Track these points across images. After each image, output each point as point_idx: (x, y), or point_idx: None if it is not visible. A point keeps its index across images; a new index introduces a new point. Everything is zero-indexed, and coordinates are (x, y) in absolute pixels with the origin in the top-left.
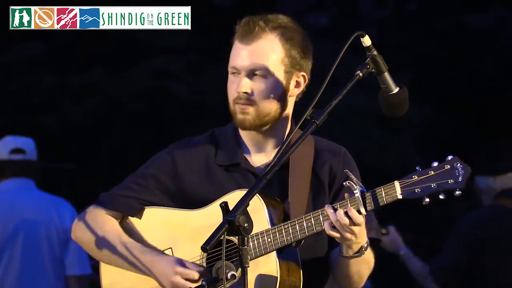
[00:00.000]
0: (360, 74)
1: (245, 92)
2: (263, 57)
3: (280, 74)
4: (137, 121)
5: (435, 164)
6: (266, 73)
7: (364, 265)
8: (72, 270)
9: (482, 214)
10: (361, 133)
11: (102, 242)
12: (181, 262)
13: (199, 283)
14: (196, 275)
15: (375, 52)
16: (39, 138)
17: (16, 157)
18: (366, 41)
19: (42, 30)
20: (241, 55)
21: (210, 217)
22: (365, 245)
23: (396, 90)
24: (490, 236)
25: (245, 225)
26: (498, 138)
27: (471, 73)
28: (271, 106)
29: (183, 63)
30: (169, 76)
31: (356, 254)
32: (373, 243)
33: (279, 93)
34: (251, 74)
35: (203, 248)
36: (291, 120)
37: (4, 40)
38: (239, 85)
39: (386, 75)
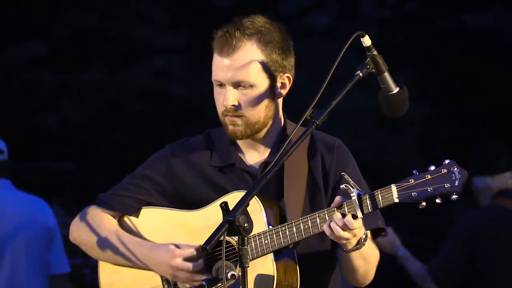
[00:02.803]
0: (360, 74)
1: (233, 105)
2: (245, 68)
3: (264, 81)
4: (137, 121)
5: (432, 168)
6: (251, 84)
7: (368, 258)
8: (57, 268)
9: (479, 214)
10: (361, 133)
11: (99, 240)
12: (177, 246)
13: (199, 263)
14: (195, 254)
15: (375, 52)
16: (39, 138)
17: (1, 157)
18: (366, 41)
19: (42, 30)
20: (223, 68)
21: (207, 218)
22: (364, 237)
23: (396, 90)
24: (488, 235)
25: (245, 225)
26: (498, 138)
27: (471, 73)
28: (260, 114)
29: (183, 63)
30: (169, 76)
31: (356, 247)
32: (379, 232)
33: (266, 99)
34: (236, 86)
35: (203, 248)
36: (283, 116)
37: (4, 40)
38: (225, 99)
39: (386, 75)
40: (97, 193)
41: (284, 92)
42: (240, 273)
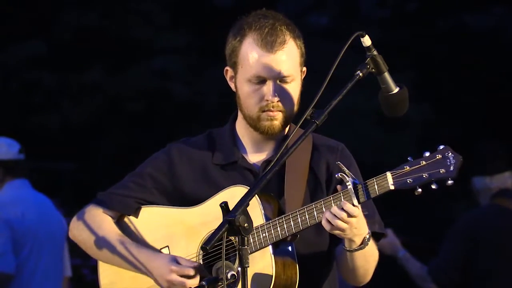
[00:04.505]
0: (360, 74)
1: (278, 100)
2: (291, 62)
3: (299, 74)
4: (137, 121)
5: (427, 154)
6: (293, 78)
7: (368, 257)
8: (67, 271)
9: (479, 214)
10: (361, 133)
11: (99, 241)
12: (175, 260)
13: (195, 280)
14: (191, 272)
15: (375, 52)
16: (39, 138)
17: (23, 157)
18: (366, 41)
19: (42, 30)
20: (270, 64)
21: (205, 214)
22: (367, 236)
23: (396, 90)
24: (487, 235)
25: (245, 225)
26: (498, 138)
27: (471, 73)
28: (295, 108)
29: (183, 63)
30: (169, 76)
31: (360, 247)
32: (377, 237)
33: (299, 93)
34: (279, 80)
35: (203, 248)
36: None
37: (4, 40)
38: (270, 94)
39: (386, 75)
40: (97, 193)
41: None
42: (240, 273)
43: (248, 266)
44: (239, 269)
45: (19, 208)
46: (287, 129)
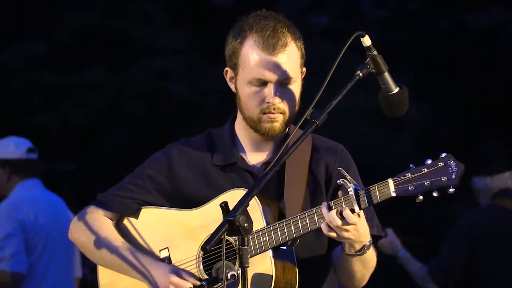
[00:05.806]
0: (360, 74)
1: (279, 102)
2: (292, 64)
3: (300, 77)
4: (137, 121)
5: (429, 161)
6: (294, 80)
7: (367, 263)
8: (77, 272)
9: (479, 214)
10: (361, 133)
11: (98, 245)
12: (176, 271)
13: None
14: (189, 286)
15: (375, 52)
16: (39, 138)
17: (32, 156)
18: (366, 41)
19: (42, 30)
20: (271, 66)
21: (205, 217)
22: (367, 244)
23: (396, 90)
24: (487, 235)
25: (245, 225)
26: (498, 138)
27: (471, 73)
28: (295, 110)
29: (183, 63)
30: (169, 76)
31: (358, 253)
32: (375, 239)
33: (299, 94)
34: (280, 82)
35: (203, 248)
36: None
37: (4, 40)
38: (272, 96)
39: (386, 75)
40: (97, 193)
41: None
42: (240, 273)
43: (248, 266)
44: (239, 270)
45: (31, 208)
46: (287, 130)
